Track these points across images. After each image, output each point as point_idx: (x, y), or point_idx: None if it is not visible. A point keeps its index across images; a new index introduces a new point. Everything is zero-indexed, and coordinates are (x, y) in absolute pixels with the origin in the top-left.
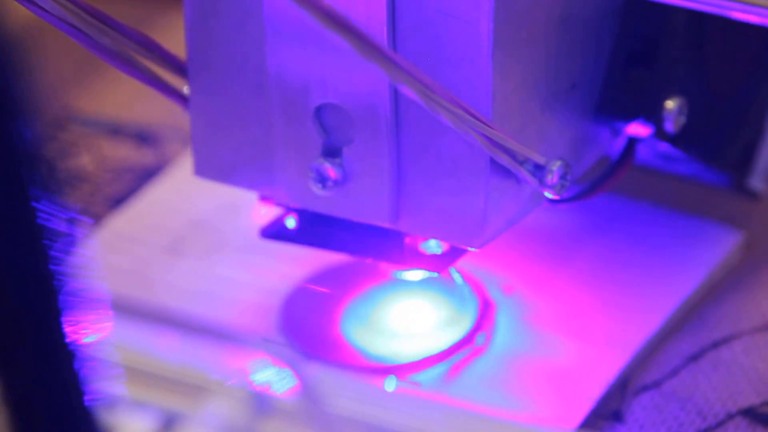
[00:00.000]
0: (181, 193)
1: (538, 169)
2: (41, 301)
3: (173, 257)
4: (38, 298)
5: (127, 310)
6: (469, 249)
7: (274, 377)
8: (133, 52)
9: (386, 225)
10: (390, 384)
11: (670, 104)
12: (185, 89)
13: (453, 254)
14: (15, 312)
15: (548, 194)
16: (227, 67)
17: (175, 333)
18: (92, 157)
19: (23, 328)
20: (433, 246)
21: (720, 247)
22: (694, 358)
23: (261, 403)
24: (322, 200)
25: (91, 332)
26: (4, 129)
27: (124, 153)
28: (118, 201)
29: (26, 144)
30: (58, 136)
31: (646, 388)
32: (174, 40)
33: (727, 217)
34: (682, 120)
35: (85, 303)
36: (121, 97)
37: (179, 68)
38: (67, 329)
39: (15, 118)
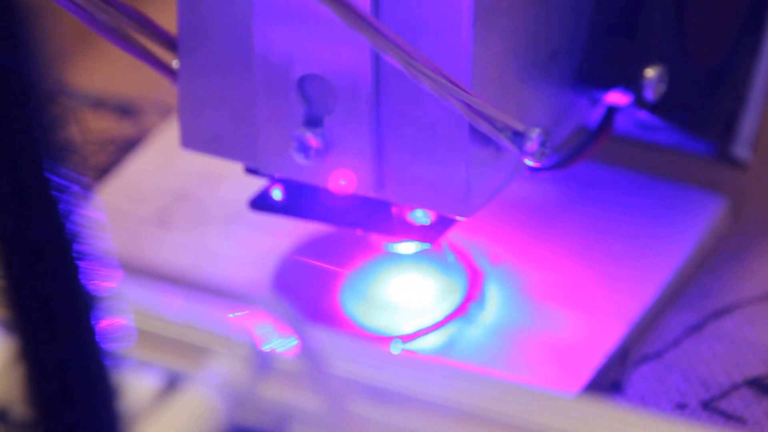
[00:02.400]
0: (162, 164)
1: (518, 137)
2: (58, 261)
3: (161, 230)
4: (55, 258)
5: (132, 270)
6: (458, 219)
7: (275, 338)
8: (127, 28)
9: (370, 194)
10: (394, 348)
11: (650, 72)
12: (174, 63)
13: (442, 225)
14: (32, 272)
15: (528, 161)
16: (216, 42)
17: (179, 293)
18: (78, 129)
19: (41, 287)
20: (421, 216)
21: (707, 214)
22: (697, 328)
23: (263, 363)
24: (306, 170)
25: (101, 293)
26: (23, 102)
27: (107, 125)
28: (102, 172)
29: (38, 116)
30: (50, 108)
31: (646, 359)
32: (166, 16)
33: (710, 183)
34: (663, 88)
35: (95, 264)
36: (104, 72)
37: (170, 44)
38: (83, 289)
39: (30, 91)
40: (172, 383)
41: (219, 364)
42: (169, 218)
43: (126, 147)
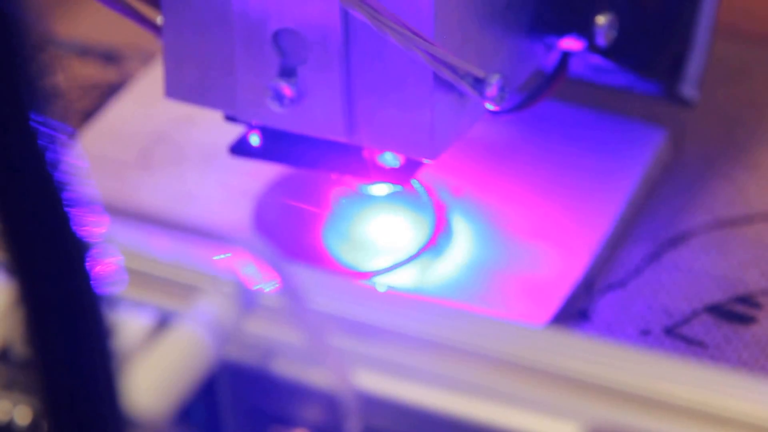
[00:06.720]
0: (143, 108)
1: (479, 83)
2: (49, 204)
3: (143, 171)
4: (45, 202)
5: (120, 213)
6: (425, 161)
7: (258, 276)
8: None
9: (342, 139)
10: (375, 286)
11: (601, 19)
12: (158, 20)
13: (411, 167)
14: (24, 216)
15: (489, 105)
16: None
17: (166, 234)
18: (64, 76)
19: (34, 232)
20: (390, 159)
21: (651, 146)
22: (655, 256)
23: (247, 300)
24: (281, 117)
25: (90, 235)
26: (7, 51)
27: (92, 71)
28: (87, 115)
29: (25, 66)
30: (37, 57)
31: (611, 288)
32: None
33: (654, 117)
34: (613, 34)
35: (81, 207)
36: (90, 21)
37: (153, 1)
38: (74, 232)
39: (15, 41)
40: (163, 321)
41: (206, 302)
42: (150, 160)
43: (109, 92)
